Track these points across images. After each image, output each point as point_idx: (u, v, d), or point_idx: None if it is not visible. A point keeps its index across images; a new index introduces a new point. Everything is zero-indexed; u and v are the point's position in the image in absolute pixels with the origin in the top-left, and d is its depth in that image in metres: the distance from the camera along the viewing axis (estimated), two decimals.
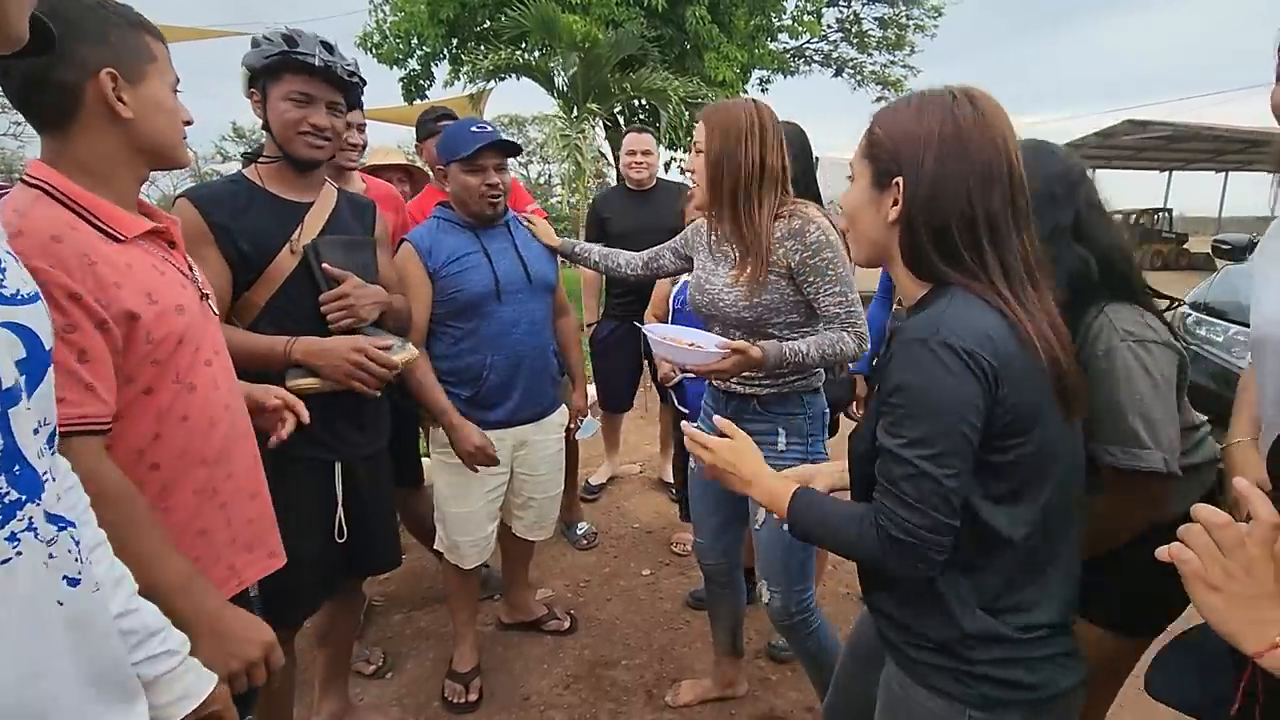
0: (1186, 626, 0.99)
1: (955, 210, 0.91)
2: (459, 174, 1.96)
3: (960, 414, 0.85)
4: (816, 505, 1.03)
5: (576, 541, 3.16)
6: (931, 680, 0.98)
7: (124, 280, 0.97)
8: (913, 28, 14.96)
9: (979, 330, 0.87)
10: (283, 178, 1.54)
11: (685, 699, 2.17)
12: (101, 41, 0.97)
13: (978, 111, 0.93)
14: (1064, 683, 0.95)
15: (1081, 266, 1.18)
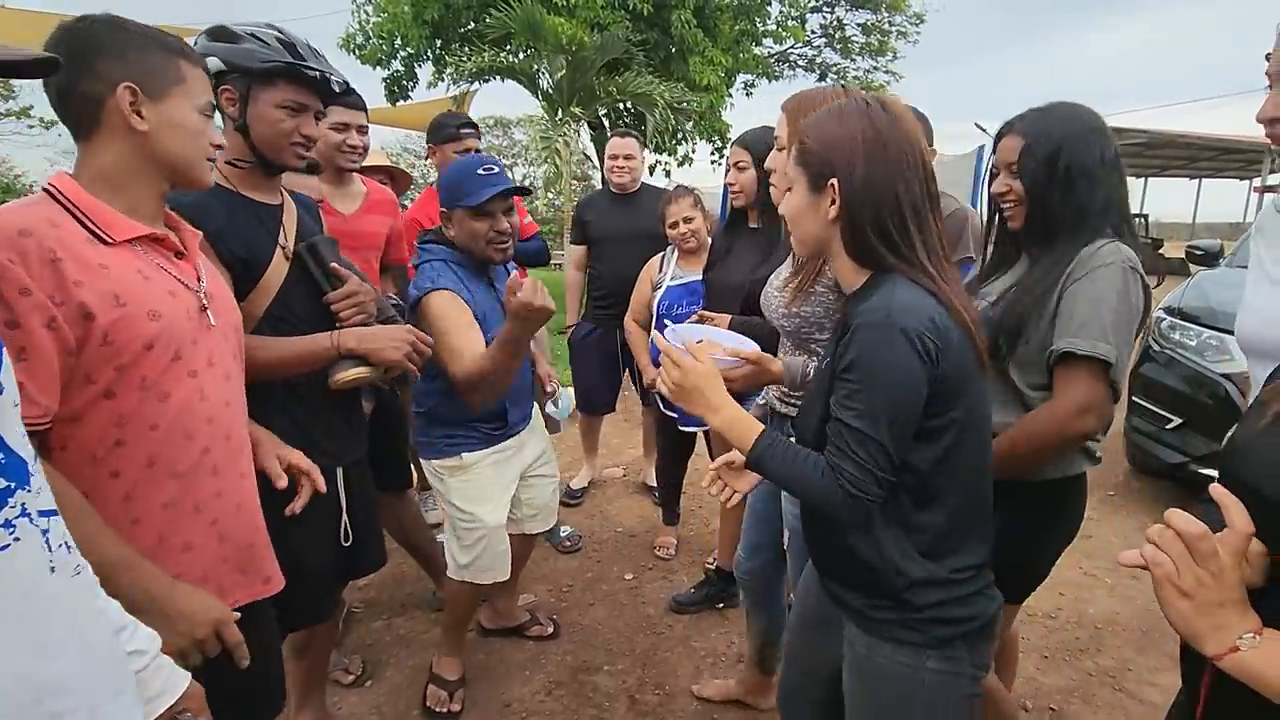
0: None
1: (886, 202, 1.04)
2: (465, 219, 1.86)
3: (907, 391, 0.99)
4: (781, 444, 1.10)
5: (560, 544, 3.15)
6: (892, 634, 1.11)
7: (89, 280, 0.98)
8: (895, 34, 15.12)
9: (924, 314, 1.00)
10: (254, 181, 1.50)
11: (708, 693, 2.20)
12: (121, 58, 1.04)
13: (890, 115, 1.06)
14: (991, 609, 1.13)
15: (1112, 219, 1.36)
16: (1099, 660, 2.39)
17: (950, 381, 1.01)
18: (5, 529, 0.51)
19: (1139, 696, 2.22)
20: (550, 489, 2.28)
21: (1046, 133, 1.36)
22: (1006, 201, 1.44)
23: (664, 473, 3.17)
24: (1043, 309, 1.34)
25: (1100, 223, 1.35)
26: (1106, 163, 1.35)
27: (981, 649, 1.14)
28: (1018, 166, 1.38)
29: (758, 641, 2.11)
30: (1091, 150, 1.35)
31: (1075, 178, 1.34)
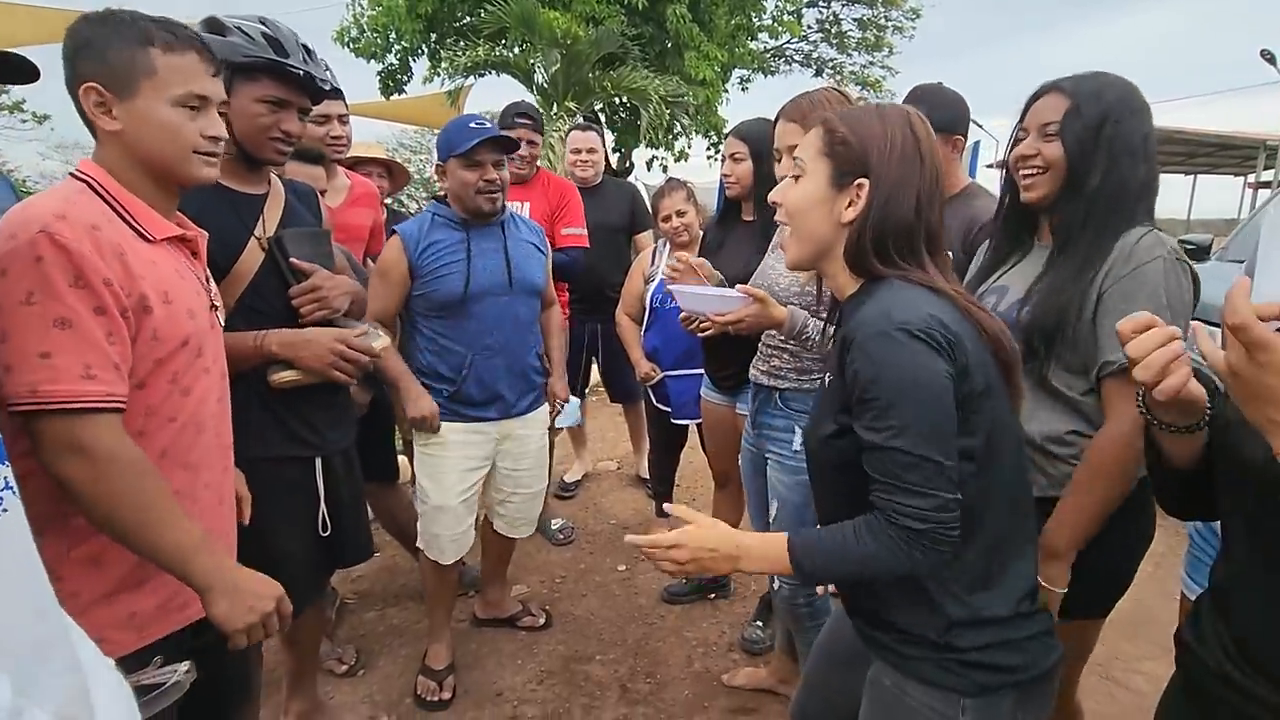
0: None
1: (905, 217, 0.97)
2: (457, 170, 1.96)
3: (935, 391, 0.89)
4: (816, 541, 0.98)
5: (553, 537, 3.16)
6: (924, 674, 0.98)
7: (147, 275, 1.03)
8: (891, 29, 15.13)
9: (924, 311, 0.91)
10: (234, 170, 1.48)
11: (739, 682, 2.21)
12: (97, 57, 1.02)
13: (925, 127, 1.00)
14: (1047, 661, 0.99)
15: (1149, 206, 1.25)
16: None
17: (973, 381, 0.91)
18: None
19: (1127, 684, 2.24)
20: (527, 502, 2.31)
21: (1098, 96, 1.21)
22: (1030, 168, 1.27)
23: (657, 465, 3.17)
24: (1081, 307, 1.21)
25: (1135, 207, 1.22)
26: (1150, 142, 1.23)
27: (1035, 703, 0.99)
28: (1060, 127, 1.22)
29: (786, 627, 2.12)
30: (1140, 125, 1.22)
31: (1119, 153, 1.20)
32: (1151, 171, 1.24)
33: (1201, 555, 1.47)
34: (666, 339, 2.76)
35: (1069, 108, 1.22)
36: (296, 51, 1.44)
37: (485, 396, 2.06)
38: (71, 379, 0.93)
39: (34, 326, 0.92)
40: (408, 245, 1.98)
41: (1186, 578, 1.53)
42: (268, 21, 1.44)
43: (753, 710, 2.13)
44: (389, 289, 1.99)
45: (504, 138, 1.98)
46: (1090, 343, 1.21)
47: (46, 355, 0.93)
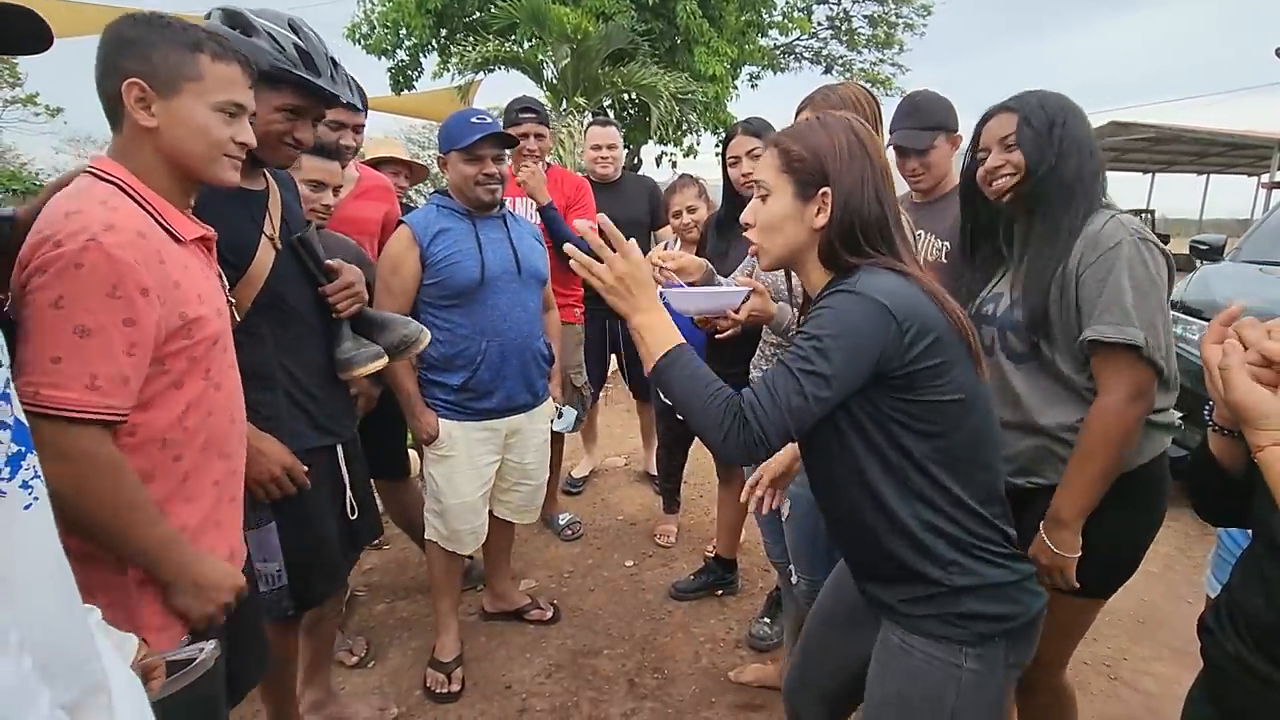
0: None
1: (868, 211, 1.08)
2: (458, 163, 2.01)
3: (863, 345, 0.99)
4: (694, 362, 1.06)
5: (560, 532, 3.17)
6: (929, 629, 1.09)
7: (183, 280, 1.06)
8: (902, 26, 15.04)
9: (888, 288, 1.01)
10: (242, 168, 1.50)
11: (747, 678, 2.22)
12: (142, 56, 1.06)
13: (864, 127, 1.12)
14: (1035, 605, 1.10)
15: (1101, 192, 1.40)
16: (1095, 649, 2.40)
17: (935, 356, 1.01)
18: (25, 490, 0.54)
19: (1135, 685, 2.23)
20: (532, 492, 2.36)
21: (1041, 105, 1.38)
22: (1001, 175, 1.42)
23: (664, 461, 3.18)
24: (1062, 293, 1.33)
25: (1088, 197, 1.36)
26: (1092, 139, 1.40)
27: (1022, 646, 1.12)
28: (1016, 138, 1.39)
29: (794, 625, 2.11)
30: (1082, 124, 1.39)
31: (1070, 148, 1.36)
32: (1099, 162, 1.40)
33: (1228, 556, 1.49)
34: None
35: (1020, 119, 1.39)
36: (326, 69, 1.42)
37: (496, 386, 2.09)
38: (75, 388, 0.95)
39: (55, 330, 0.94)
40: (417, 235, 2.00)
41: (1212, 578, 1.56)
42: (298, 29, 1.40)
43: (760, 706, 2.14)
44: (403, 280, 2.01)
45: (504, 133, 2.01)
46: (1077, 328, 1.32)
47: (57, 360, 0.94)
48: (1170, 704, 2.16)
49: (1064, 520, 1.33)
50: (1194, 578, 2.72)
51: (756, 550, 2.87)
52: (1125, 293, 1.27)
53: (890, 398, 1.04)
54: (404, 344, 1.69)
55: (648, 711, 2.12)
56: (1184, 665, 2.31)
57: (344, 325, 1.61)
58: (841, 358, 0.98)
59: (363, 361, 1.58)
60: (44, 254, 0.95)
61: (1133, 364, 1.28)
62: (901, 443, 1.05)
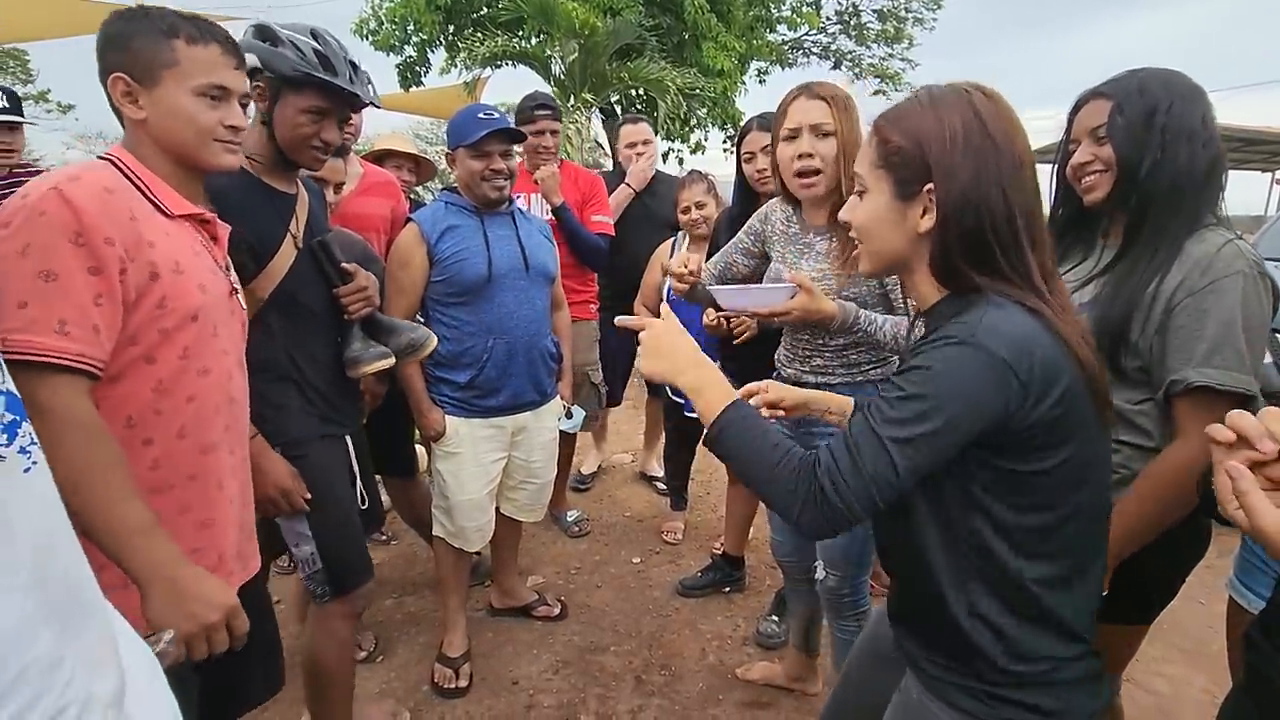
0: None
1: (992, 211, 0.86)
2: (465, 159, 2.01)
3: (962, 419, 0.81)
4: (753, 420, 0.93)
5: (568, 529, 3.17)
6: (951, 697, 0.94)
7: (159, 242, 1.04)
8: (911, 21, 14.93)
9: (1014, 334, 0.82)
10: (273, 171, 1.54)
11: (753, 676, 2.20)
12: (123, 49, 1.08)
13: (993, 101, 0.89)
14: (1089, 708, 0.92)
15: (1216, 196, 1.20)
16: None
17: (1056, 423, 0.83)
18: (23, 454, 0.54)
19: (1147, 687, 2.22)
20: (538, 490, 2.36)
21: (1140, 90, 1.19)
22: (1090, 172, 1.26)
23: (671, 459, 3.18)
24: (1148, 315, 1.16)
25: (1200, 200, 1.18)
26: (1209, 125, 1.18)
27: None
28: (1106, 128, 1.21)
29: (800, 624, 2.12)
30: (1193, 109, 1.17)
31: (1173, 140, 1.16)
32: (1216, 156, 1.18)
33: (1253, 559, 1.45)
34: None
35: (1112, 108, 1.21)
36: (344, 70, 1.48)
37: (503, 383, 2.09)
38: (43, 331, 0.92)
39: (21, 276, 0.93)
40: (425, 231, 2.00)
41: (1236, 580, 1.50)
42: (319, 35, 1.48)
43: (767, 704, 2.14)
44: (412, 277, 2.01)
45: (510, 129, 2.01)
46: (1157, 354, 1.16)
47: (24, 305, 0.93)
48: (1182, 705, 2.14)
49: (1123, 553, 1.20)
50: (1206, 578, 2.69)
51: (764, 548, 2.86)
52: (1239, 334, 1.09)
53: (987, 464, 0.85)
54: (410, 347, 1.74)
55: (654, 708, 2.12)
56: (1196, 666, 2.29)
57: (354, 326, 1.66)
58: (946, 426, 0.81)
59: (369, 360, 1.62)
60: (12, 206, 0.96)
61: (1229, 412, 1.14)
62: (979, 514, 0.87)
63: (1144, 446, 1.23)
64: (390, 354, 1.67)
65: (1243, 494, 0.67)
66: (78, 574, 0.59)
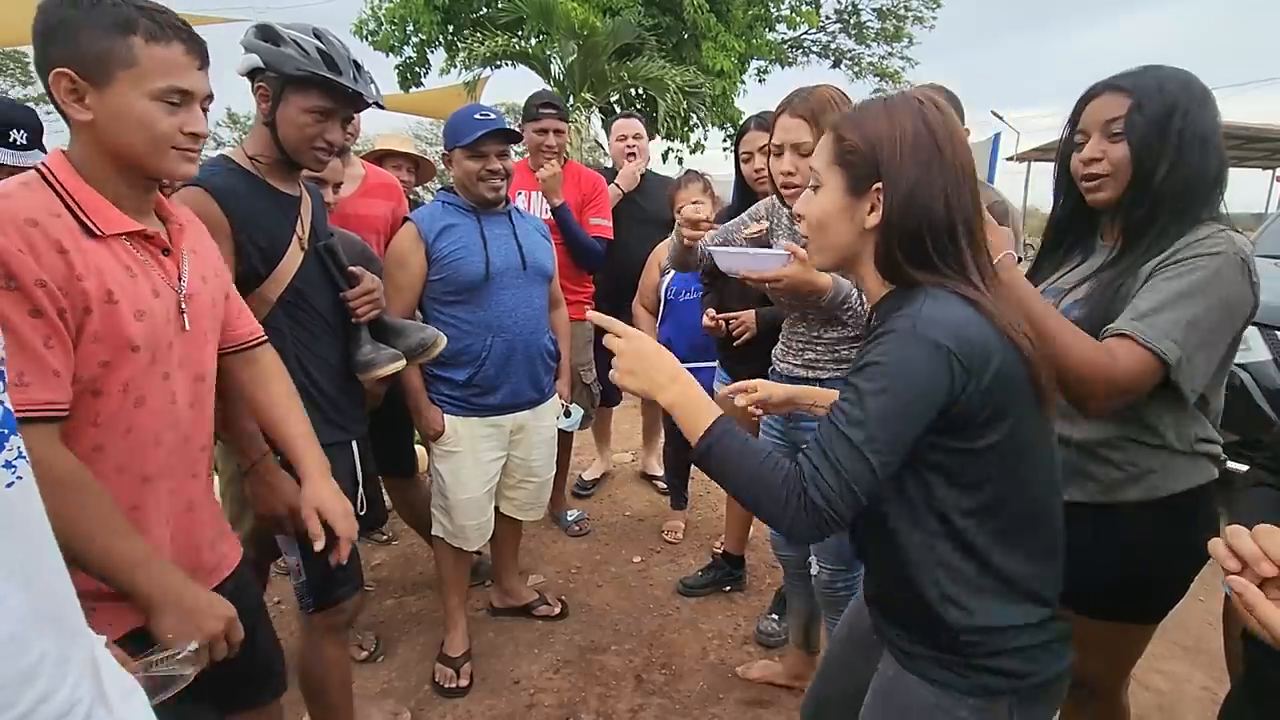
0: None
1: (932, 214, 0.92)
2: (462, 159, 2.01)
3: (919, 401, 0.87)
4: (737, 435, 0.95)
5: (569, 528, 3.17)
6: (926, 671, 0.99)
7: (89, 275, 0.96)
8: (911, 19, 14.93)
9: (952, 322, 0.88)
10: (277, 172, 1.54)
11: (754, 675, 2.21)
12: (70, 41, 0.95)
13: (943, 114, 0.95)
14: (1054, 668, 0.98)
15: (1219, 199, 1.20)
16: None
17: (994, 401, 0.89)
18: (7, 469, 0.53)
19: (1146, 684, 2.22)
20: (537, 489, 2.37)
21: (1159, 88, 1.15)
22: (1095, 172, 1.22)
23: (671, 458, 3.18)
24: (1129, 300, 1.16)
25: (1205, 202, 1.17)
26: (1218, 134, 1.17)
27: (1036, 709, 0.99)
28: (1124, 125, 1.16)
29: (800, 621, 2.12)
30: (1209, 114, 1.15)
31: (1189, 143, 1.13)
32: (1222, 162, 1.18)
33: None
34: (680, 331, 2.77)
35: (1132, 104, 1.16)
36: (348, 69, 1.47)
37: (502, 382, 2.09)
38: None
39: None
40: (423, 231, 2.01)
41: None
42: (322, 35, 1.47)
43: (768, 703, 2.14)
44: (409, 277, 2.02)
45: (506, 130, 2.02)
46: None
47: None
48: (1182, 702, 2.14)
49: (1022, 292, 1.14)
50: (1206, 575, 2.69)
51: (764, 547, 2.87)
52: (1194, 304, 1.09)
53: (934, 444, 0.91)
54: (420, 348, 1.75)
55: (655, 707, 2.12)
56: (1195, 663, 2.29)
57: (362, 329, 1.66)
58: (899, 413, 0.87)
59: (382, 364, 1.63)
60: None
61: (1145, 370, 1.10)
62: (935, 491, 0.93)
63: (1151, 444, 1.23)
64: (402, 356, 1.67)
65: (1251, 607, 0.69)
66: (64, 593, 0.59)
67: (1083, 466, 1.26)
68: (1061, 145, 1.31)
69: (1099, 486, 1.26)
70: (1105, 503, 1.25)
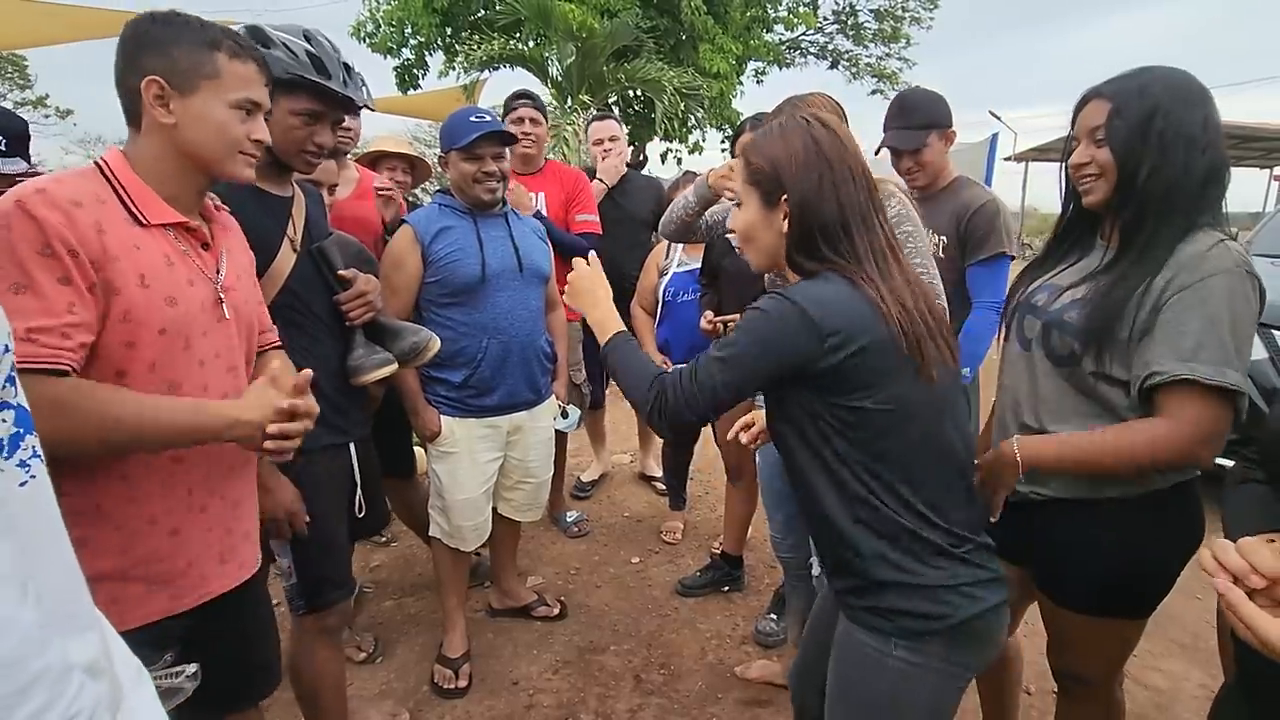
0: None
1: (824, 214, 1.10)
2: (458, 161, 2.02)
3: (773, 350, 1.06)
4: (634, 347, 1.23)
5: (567, 529, 3.18)
6: (864, 620, 1.13)
7: (124, 257, 1.04)
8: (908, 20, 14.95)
9: (822, 296, 1.05)
10: (266, 174, 1.53)
11: (753, 675, 2.22)
12: (162, 54, 1.08)
13: (828, 128, 1.13)
14: (969, 609, 1.08)
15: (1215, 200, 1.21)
16: None
17: (865, 367, 1.04)
18: (21, 468, 0.55)
19: (1144, 682, 2.22)
20: (535, 490, 2.37)
21: (1139, 93, 1.18)
22: (1086, 175, 1.26)
23: (670, 458, 3.19)
24: (1136, 316, 1.17)
25: (1196, 205, 1.18)
26: (1210, 130, 1.17)
27: (964, 649, 1.11)
28: (1105, 131, 1.21)
29: (799, 621, 2.13)
30: (1193, 114, 1.16)
31: (1171, 144, 1.16)
32: (1215, 161, 1.18)
33: None
34: (677, 332, 2.77)
35: (1110, 110, 1.20)
36: (338, 72, 1.48)
37: (498, 383, 2.10)
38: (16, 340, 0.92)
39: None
40: (419, 233, 2.01)
41: None
42: (312, 38, 1.47)
43: (766, 702, 2.14)
44: (405, 279, 2.02)
45: (502, 132, 2.02)
46: (1140, 353, 1.17)
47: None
48: (1179, 701, 2.15)
49: (1034, 457, 1.24)
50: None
51: (763, 547, 2.88)
52: (1226, 331, 1.11)
53: (821, 400, 1.07)
54: (413, 351, 1.74)
55: (654, 707, 2.13)
56: (1193, 662, 2.30)
57: (357, 332, 1.66)
58: (754, 353, 1.07)
59: (371, 368, 1.62)
60: None
61: (1219, 408, 1.12)
62: (833, 444, 1.08)
63: None
64: (392, 360, 1.67)
65: (1234, 607, 0.71)
66: (75, 587, 0.61)
67: None
68: (1065, 151, 1.35)
69: (1082, 484, 1.27)
70: (1090, 498, 1.27)
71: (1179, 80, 1.19)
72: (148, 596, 1.12)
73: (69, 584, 0.60)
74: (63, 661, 0.51)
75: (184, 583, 1.15)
